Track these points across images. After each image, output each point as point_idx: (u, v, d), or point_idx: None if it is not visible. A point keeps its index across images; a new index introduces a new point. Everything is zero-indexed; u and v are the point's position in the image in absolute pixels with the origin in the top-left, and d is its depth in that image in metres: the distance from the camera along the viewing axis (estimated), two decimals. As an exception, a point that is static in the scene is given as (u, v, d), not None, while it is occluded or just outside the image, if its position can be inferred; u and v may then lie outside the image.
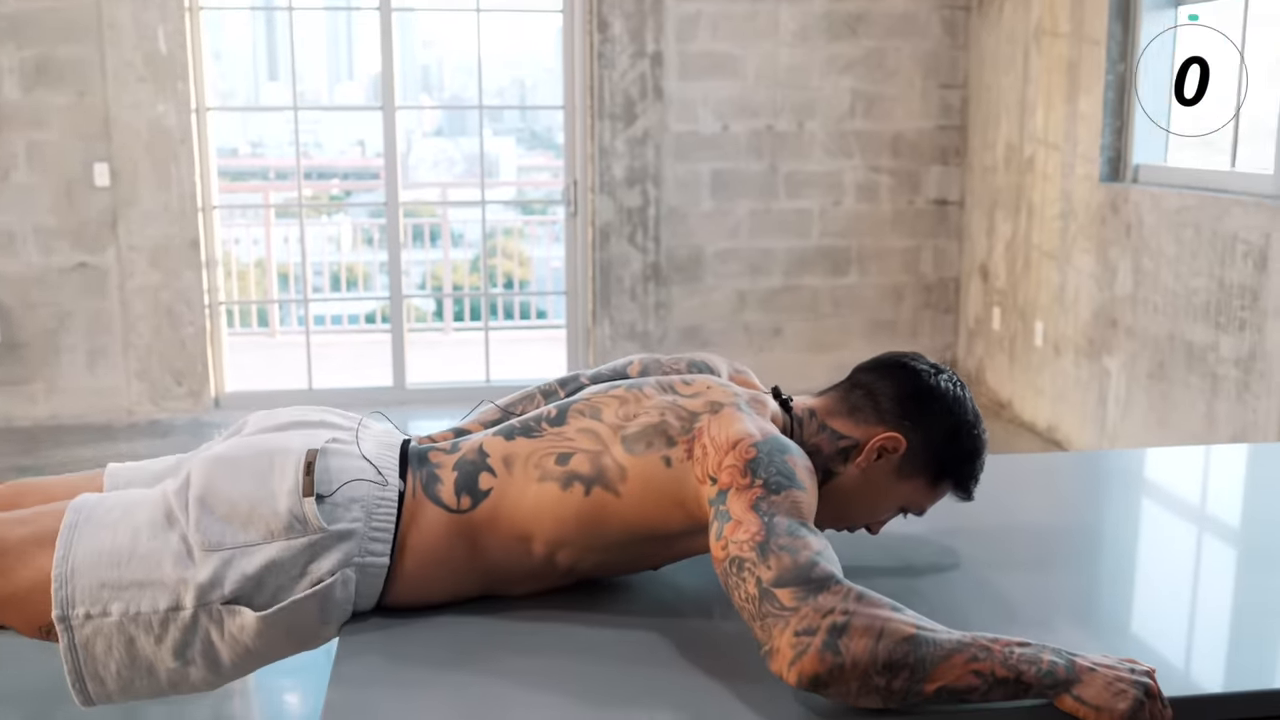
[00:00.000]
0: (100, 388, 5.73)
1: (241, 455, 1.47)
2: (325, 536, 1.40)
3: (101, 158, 5.54)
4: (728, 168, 6.03)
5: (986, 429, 1.61)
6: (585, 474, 1.45)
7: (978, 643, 1.22)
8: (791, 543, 1.28)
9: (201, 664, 1.42)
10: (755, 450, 1.38)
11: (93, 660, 1.41)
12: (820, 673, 1.19)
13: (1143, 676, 1.22)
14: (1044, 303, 5.48)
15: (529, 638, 1.42)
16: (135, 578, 1.40)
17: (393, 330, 6.22)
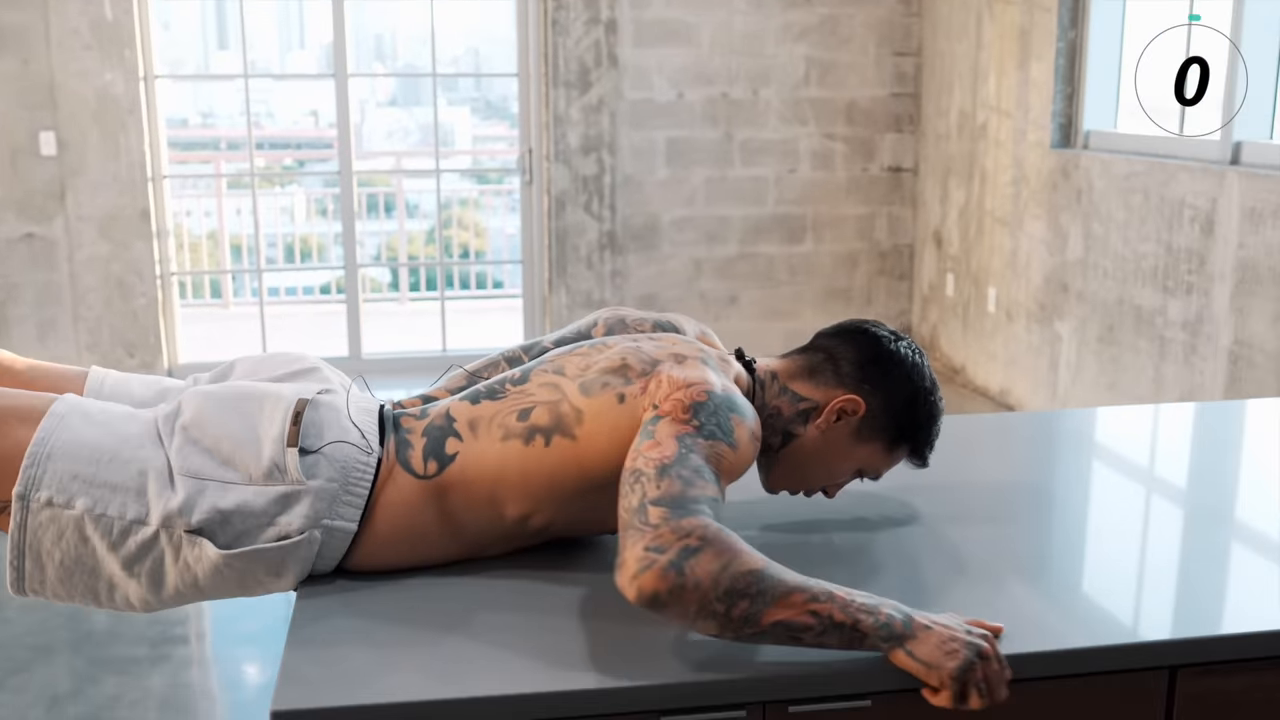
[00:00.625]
0: (51, 359, 5.65)
1: (233, 397, 1.47)
2: (300, 490, 1.40)
3: (47, 126, 5.46)
4: (683, 135, 6.03)
5: (943, 397, 1.64)
6: (545, 425, 1.46)
7: (821, 587, 1.24)
8: (691, 476, 1.30)
9: (145, 582, 1.40)
10: (707, 396, 1.40)
11: (38, 545, 1.38)
12: (660, 590, 1.21)
13: (978, 638, 1.24)
14: (997, 268, 5.54)
15: (495, 596, 1.43)
16: (110, 479, 1.38)
17: (348, 300, 6.18)
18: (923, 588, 1.47)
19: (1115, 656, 1.33)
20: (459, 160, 10.41)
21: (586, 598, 1.42)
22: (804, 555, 1.58)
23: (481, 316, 7.78)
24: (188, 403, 1.45)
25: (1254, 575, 1.58)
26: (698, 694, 1.24)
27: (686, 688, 1.23)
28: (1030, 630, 1.36)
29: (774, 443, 1.59)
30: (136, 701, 2.95)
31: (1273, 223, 3.74)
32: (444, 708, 1.20)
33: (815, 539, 1.65)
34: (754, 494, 1.77)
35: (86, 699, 2.95)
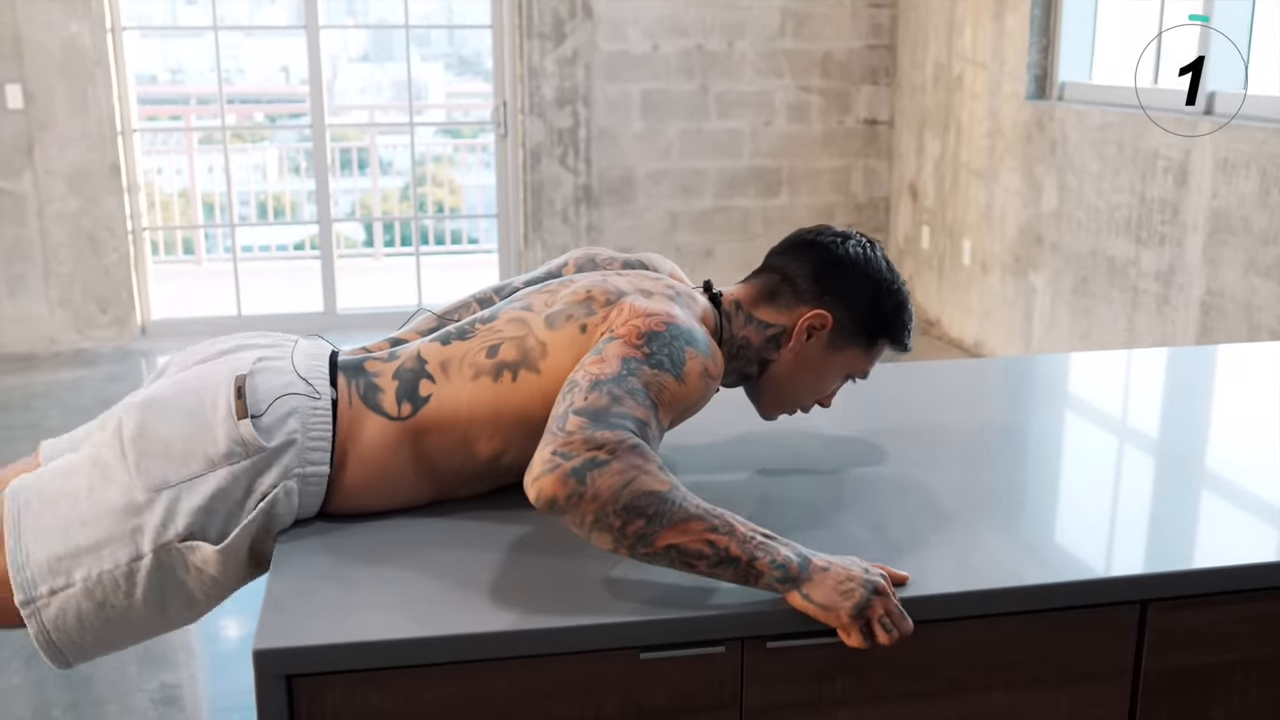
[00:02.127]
0: (21, 315, 5.62)
1: (170, 394, 1.45)
2: (266, 454, 1.40)
3: (13, 79, 5.38)
4: (658, 88, 6.00)
5: (903, 279, 1.63)
6: (512, 360, 1.46)
7: (724, 520, 1.25)
8: (622, 395, 1.31)
9: (177, 603, 1.43)
10: (665, 327, 1.40)
11: (65, 632, 1.40)
12: (558, 495, 1.22)
13: (875, 576, 1.25)
14: (972, 221, 5.55)
15: (472, 535, 1.44)
16: (87, 542, 1.38)
17: (322, 255, 6.14)
18: (892, 530, 1.48)
19: (1087, 591, 1.35)
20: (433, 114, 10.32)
21: (562, 536, 1.43)
22: (770, 499, 1.59)
23: (457, 272, 7.75)
24: (127, 417, 1.42)
25: (1223, 514, 1.61)
26: (676, 630, 1.25)
27: (665, 624, 1.24)
28: (1002, 567, 1.38)
29: (751, 372, 1.59)
30: (118, 654, 2.95)
31: (1245, 173, 3.76)
32: (423, 645, 1.21)
33: (782, 483, 1.66)
34: (724, 436, 1.78)
35: (65, 652, 2.95)
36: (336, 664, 1.20)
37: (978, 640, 1.33)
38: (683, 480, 1.60)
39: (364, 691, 1.21)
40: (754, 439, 1.78)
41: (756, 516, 1.43)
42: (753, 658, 1.26)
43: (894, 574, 1.30)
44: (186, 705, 2.77)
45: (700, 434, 1.78)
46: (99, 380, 5.25)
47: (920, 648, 1.31)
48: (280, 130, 9.54)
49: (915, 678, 1.32)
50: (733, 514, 1.26)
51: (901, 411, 1.95)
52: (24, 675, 2.85)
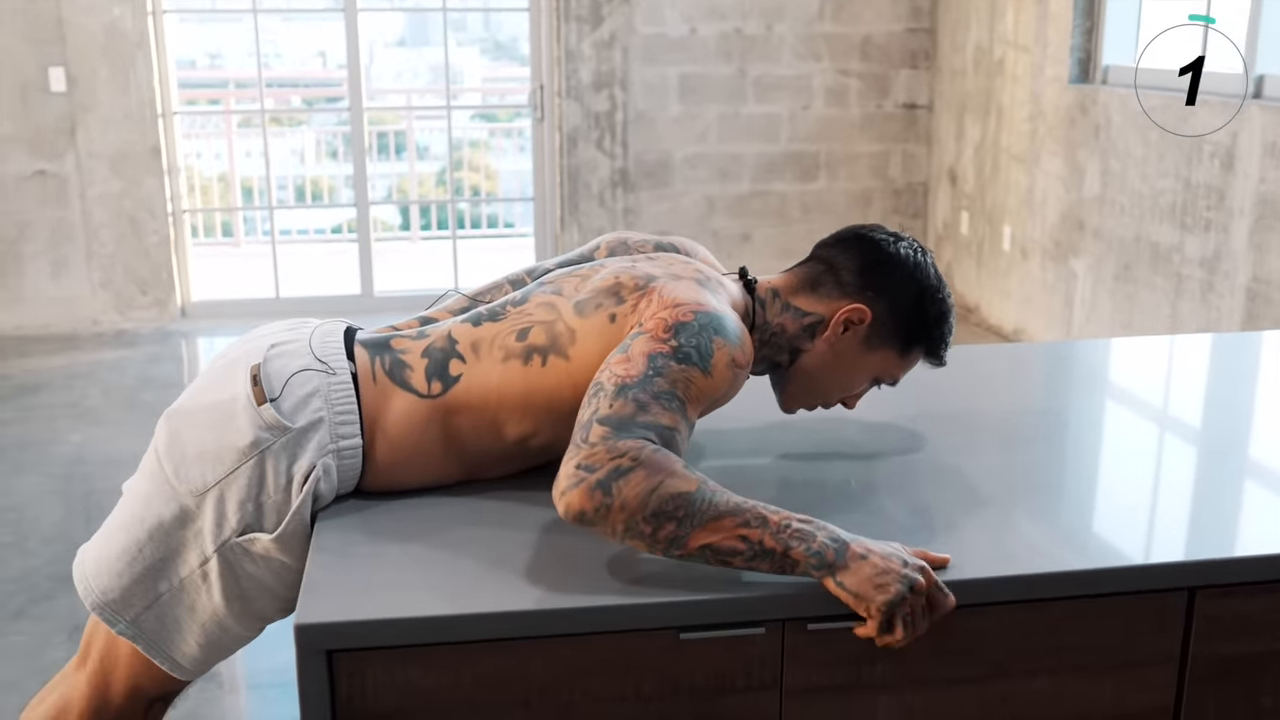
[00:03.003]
0: (64, 297, 5.67)
1: (192, 399, 1.49)
2: (295, 434, 1.41)
3: (56, 62, 5.42)
4: (696, 71, 5.97)
5: (951, 293, 1.61)
6: (541, 344, 1.46)
7: (755, 512, 1.23)
8: (648, 401, 1.30)
9: (256, 595, 1.46)
10: (693, 317, 1.38)
11: (172, 643, 1.48)
12: (586, 509, 1.22)
13: (914, 570, 1.22)
14: (1012, 206, 5.50)
15: (507, 514, 1.43)
16: (155, 560, 1.44)
17: (359, 238, 6.17)
18: (930, 515, 1.47)
19: (1135, 577, 1.33)
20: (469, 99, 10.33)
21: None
22: (807, 484, 1.58)
23: (492, 256, 7.76)
24: (158, 433, 1.47)
25: (1269, 501, 1.58)
26: (716, 611, 1.24)
27: (705, 604, 1.24)
28: (1043, 553, 1.36)
29: (782, 361, 1.58)
30: (156, 630, 2.98)
31: (1293, 157, 3.70)
32: (463, 622, 1.21)
33: (819, 468, 1.65)
34: (761, 421, 1.77)
35: (106, 628, 2.98)
36: (377, 640, 1.21)
37: (1021, 626, 1.31)
38: (718, 465, 1.60)
39: (404, 667, 1.22)
40: (790, 424, 1.77)
41: (792, 502, 1.42)
42: (793, 639, 1.26)
43: (934, 557, 1.28)
44: (225, 681, 2.79)
45: (736, 419, 1.76)
46: (140, 360, 5.30)
47: (963, 632, 1.29)
48: (317, 114, 9.58)
49: (958, 663, 1.31)
50: (764, 504, 1.25)
51: (939, 396, 1.94)
52: (65, 651, 2.89)
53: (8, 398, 4.81)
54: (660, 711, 1.26)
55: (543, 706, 1.24)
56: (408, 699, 1.22)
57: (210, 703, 2.66)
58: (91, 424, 4.52)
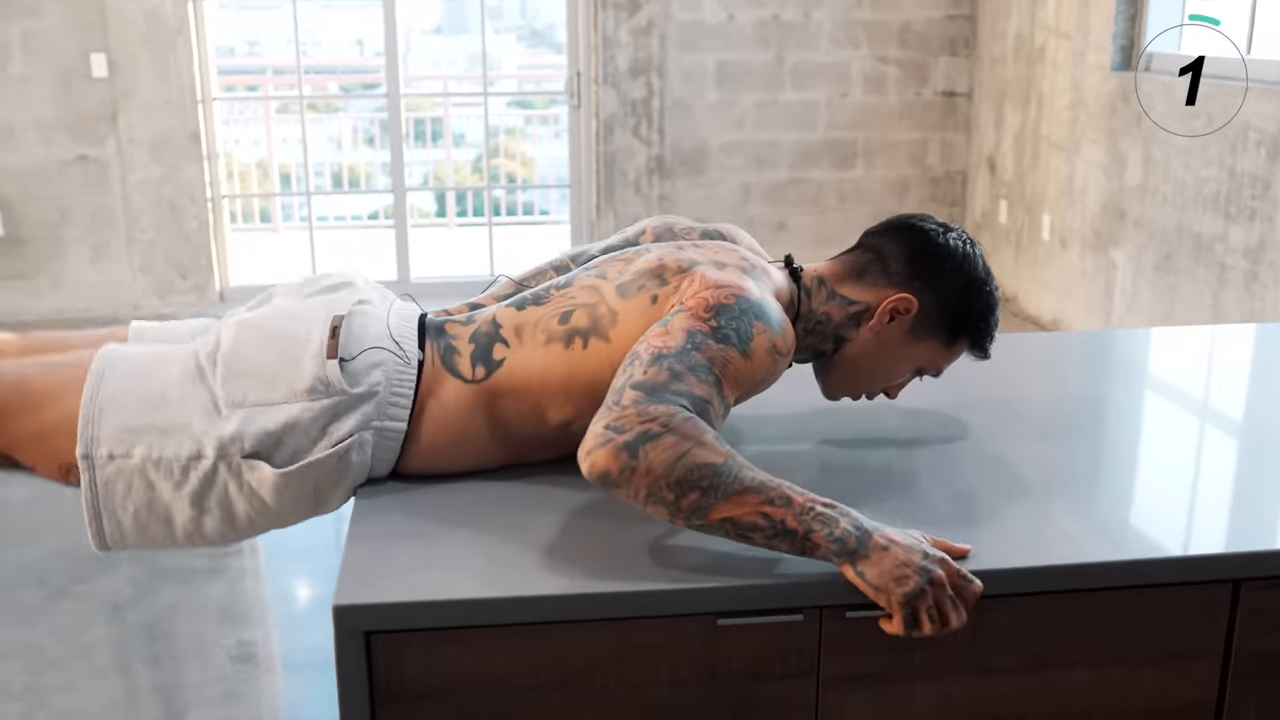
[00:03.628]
0: (104, 282, 5.73)
1: (269, 320, 1.49)
2: (346, 399, 1.41)
3: (99, 48, 5.47)
4: (733, 58, 5.95)
5: (998, 286, 1.60)
6: (583, 327, 1.45)
7: (780, 491, 1.22)
8: (683, 371, 1.29)
9: (217, 514, 1.43)
10: (734, 300, 1.37)
11: (111, 500, 1.42)
12: (611, 470, 1.21)
13: (934, 563, 1.21)
14: (1052, 195, 5.45)
15: (546, 499, 1.43)
16: (161, 423, 1.41)
17: (396, 224, 6.19)
18: (968, 503, 1.46)
19: (1179, 569, 1.32)
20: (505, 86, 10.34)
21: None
22: (843, 470, 1.57)
23: (528, 242, 7.77)
24: (225, 333, 1.46)
25: (1319, 492, 1.56)
26: (755, 597, 1.24)
27: (743, 591, 1.23)
28: (1081, 542, 1.34)
29: (826, 349, 1.57)
30: (195, 610, 3.01)
31: (1341, 146, 3.64)
32: (501, 605, 1.21)
33: (856, 454, 1.64)
34: (801, 407, 1.77)
35: (147, 607, 3.02)
36: (414, 622, 1.21)
37: (1060, 616, 1.30)
38: (755, 451, 1.59)
39: (441, 649, 1.22)
40: (829, 411, 1.76)
41: (831, 488, 1.42)
42: (831, 627, 1.25)
43: (953, 548, 1.27)
44: (261, 661, 2.82)
45: (774, 405, 1.76)
46: (178, 345, 5.34)
47: (1001, 622, 1.29)
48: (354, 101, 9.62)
49: (996, 652, 1.30)
50: (791, 484, 1.24)
51: (978, 384, 1.92)
52: (106, 629, 2.92)
53: (49, 380, 4.86)
54: (697, 697, 1.26)
55: (579, 690, 1.24)
56: (445, 680, 1.23)
57: (247, 682, 2.69)
58: (131, 407, 4.56)
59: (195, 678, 2.72)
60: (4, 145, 5.51)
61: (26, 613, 2.96)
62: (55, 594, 3.05)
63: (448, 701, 1.23)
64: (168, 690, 2.70)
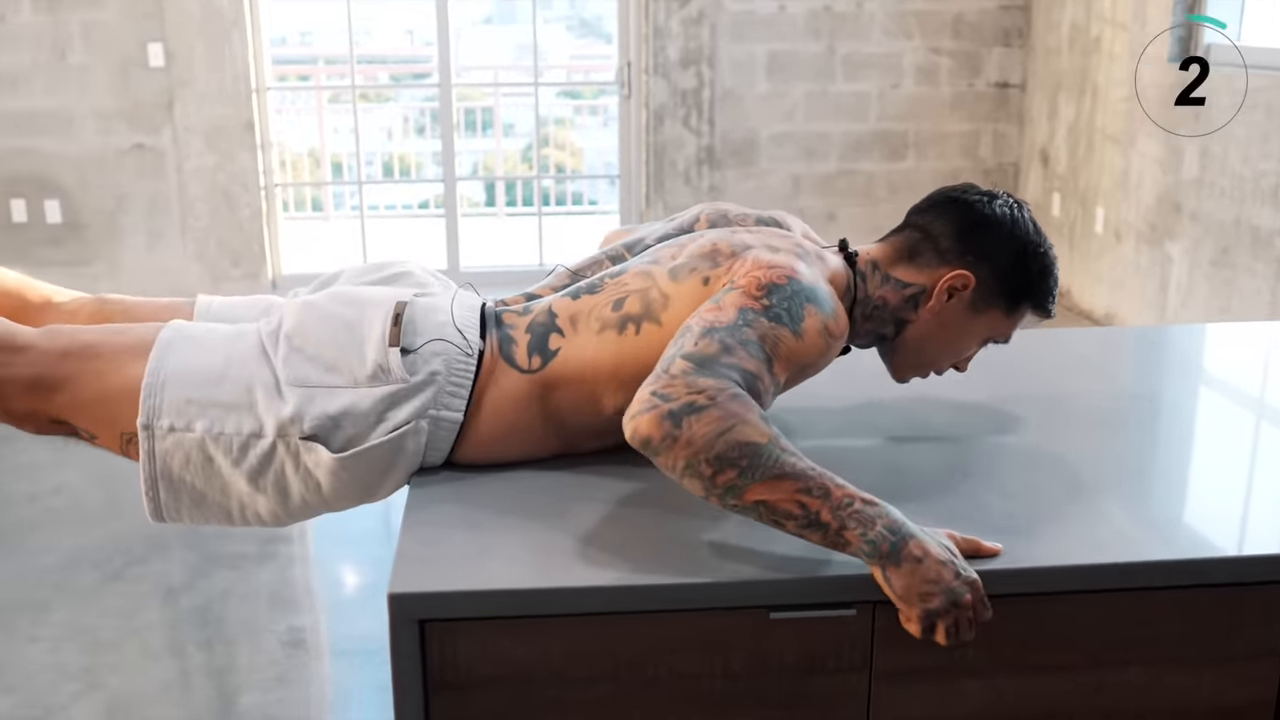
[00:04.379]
0: (159, 268, 5.80)
1: (332, 303, 1.50)
2: (405, 387, 1.42)
3: (155, 38, 5.53)
4: (784, 49, 5.92)
5: (1051, 242, 1.57)
6: (636, 312, 1.45)
7: (819, 481, 1.21)
8: (733, 345, 1.28)
9: (272, 494, 1.44)
10: (786, 281, 1.37)
11: (169, 472, 1.44)
12: (652, 437, 1.21)
13: (963, 586, 1.19)
14: (1106, 188, 5.38)
15: (598, 490, 1.44)
16: (223, 399, 1.42)
17: (447, 214, 6.22)
18: (1019, 499, 1.44)
19: (1234, 569, 1.30)
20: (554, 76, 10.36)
21: (691, 494, 1.42)
22: (894, 466, 1.56)
23: (577, 232, 7.78)
24: (289, 314, 1.48)
25: (1383, 492, 1.53)
26: (808, 590, 1.23)
27: (796, 584, 1.23)
28: (1136, 540, 1.33)
29: (887, 332, 1.56)
30: (246, 595, 3.05)
31: (1406, 139, 3.57)
32: (554, 595, 1.22)
33: (907, 449, 1.63)
34: (852, 401, 1.76)
35: (199, 591, 3.06)
36: (468, 610, 1.22)
37: (1117, 614, 1.29)
38: (805, 445, 1.58)
39: (494, 638, 1.23)
40: (879, 405, 1.75)
41: (876, 483, 1.40)
42: (884, 621, 1.24)
43: (983, 547, 1.26)
44: (311, 647, 2.85)
45: (826, 399, 1.75)
46: (231, 332, 5.40)
47: (1057, 620, 1.28)
48: (404, 90, 9.66)
49: (1051, 650, 1.29)
50: (834, 476, 1.22)
51: (1030, 380, 1.90)
52: (160, 613, 2.97)
53: (106, 366, 4.93)
54: (749, 690, 1.26)
55: (630, 681, 1.25)
56: (497, 669, 1.23)
57: (298, 669, 2.72)
58: (185, 393, 4.62)
59: (246, 662, 2.76)
60: (64, 134, 5.59)
61: (83, 595, 3.01)
62: (110, 577, 3.10)
63: (500, 690, 1.24)
64: (220, 673, 2.74)
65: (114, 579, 3.09)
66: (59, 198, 5.66)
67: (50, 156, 5.61)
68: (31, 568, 3.15)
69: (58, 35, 5.47)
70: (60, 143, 5.60)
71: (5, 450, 4.03)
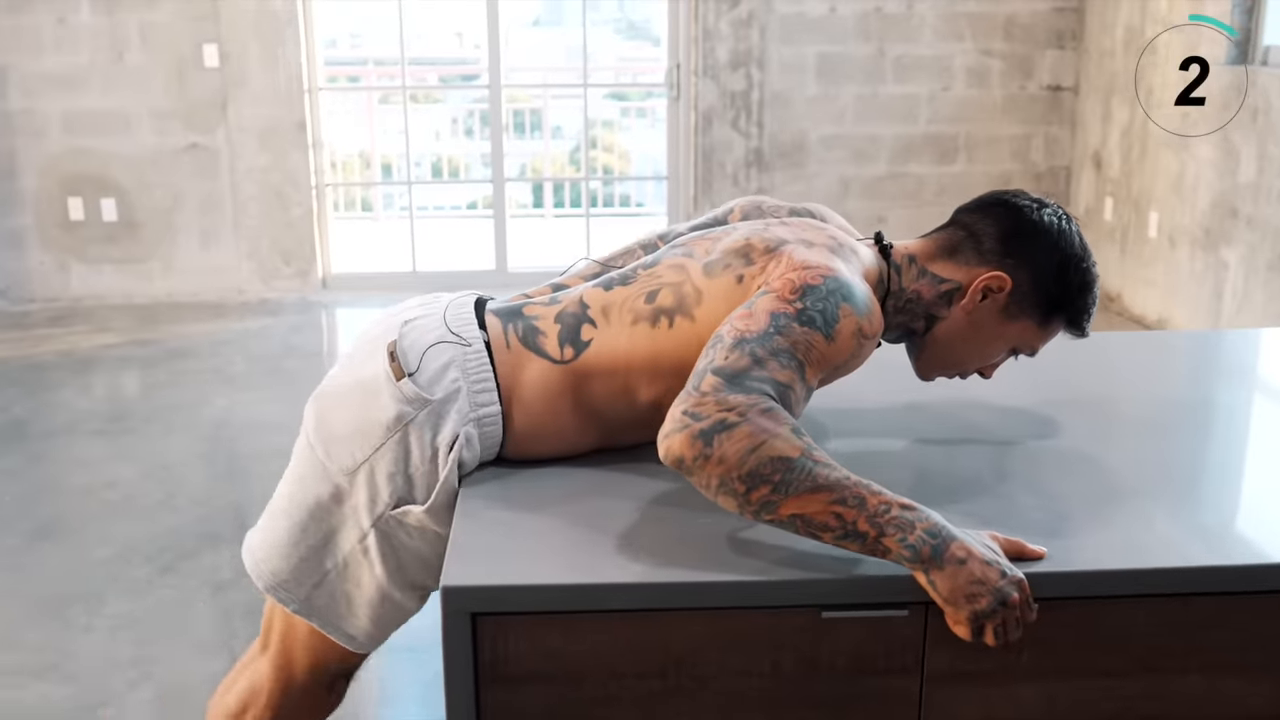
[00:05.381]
0: (212, 267, 5.88)
1: (335, 381, 1.53)
2: (435, 405, 1.43)
3: (210, 39, 5.60)
4: (834, 51, 5.89)
5: (1096, 261, 1.55)
6: (669, 306, 1.45)
7: (854, 490, 1.20)
8: (765, 356, 1.27)
9: (413, 566, 1.49)
10: (821, 280, 1.36)
11: (340, 616, 1.51)
12: (685, 456, 1.21)
13: (1010, 586, 1.18)
14: (1160, 192, 5.31)
15: (647, 487, 1.44)
16: (317, 541, 1.48)
17: (495, 214, 6.25)
18: (1063, 503, 1.42)
19: (1295, 574, 1.28)
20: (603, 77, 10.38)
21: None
22: (934, 469, 1.54)
23: (624, 235, 7.79)
24: (307, 416, 1.51)
25: None
26: (860, 590, 1.23)
27: (848, 583, 1.23)
28: (1184, 547, 1.31)
29: (917, 328, 1.54)
30: (296, 590, 3.07)
31: None
32: (605, 591, 1.22)
33: (948, 452, 1.61)
34: (891, 403, 1.75)
35: (247, 587, 3.07)
36: (520, 605, 1.23)
37: (1171, 620, 1.27)
38: (842, 446, 1.57)
39: (545, 633, 1.23)
40: (919, 407, 1.74)
41: (915, 486, 1.40)
42: (936, 622, 1.24)
43: (1027, 550, 1.25)
44: (361, 643, 2.87)
45: (863, 400, 1.74)
46: (282, 330, 5.46)
47: (1114, 625, 1.26)
48: (452, 92, 9.72)
49: (1107, 655, 1.28)
50: (869, 483, 1.21)
51: (1077, 383, 1.88)
52: (210, 605, 3.00)
53: (160, 362, 5.01)
54: (798, 689, 1.26)
55: (680, 678, 1.25)
56: (548, 664, 1.24)
57: (346, 662, 2.74)
58: (236, 389, 4.68)
59: (296, 655, 2.78)
60: (120, 133, 5.67)
61: (136, 587, 3.05)
62: (163, 570, 3.14)
63: (550, 685, 1.25)
64: (270, 666, 2.76)
65: (166, 571, 3.13)
66: (115, 196, 5.75)
67: (107, 155, 5.70)
68: (87, 559, 3.19)
69: (115, 36, 5.56)
70: (117, 142, 5.68)
71: (60, 443, 4.09)
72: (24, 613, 2.93)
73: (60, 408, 4.50)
